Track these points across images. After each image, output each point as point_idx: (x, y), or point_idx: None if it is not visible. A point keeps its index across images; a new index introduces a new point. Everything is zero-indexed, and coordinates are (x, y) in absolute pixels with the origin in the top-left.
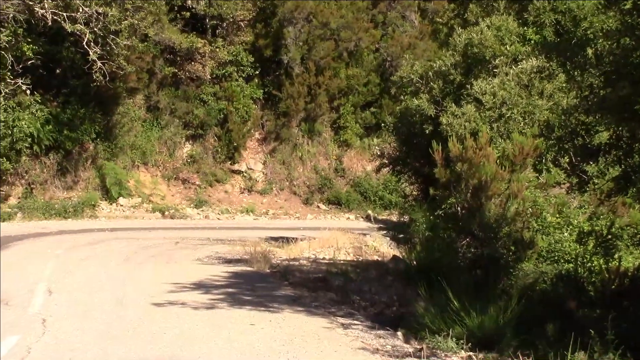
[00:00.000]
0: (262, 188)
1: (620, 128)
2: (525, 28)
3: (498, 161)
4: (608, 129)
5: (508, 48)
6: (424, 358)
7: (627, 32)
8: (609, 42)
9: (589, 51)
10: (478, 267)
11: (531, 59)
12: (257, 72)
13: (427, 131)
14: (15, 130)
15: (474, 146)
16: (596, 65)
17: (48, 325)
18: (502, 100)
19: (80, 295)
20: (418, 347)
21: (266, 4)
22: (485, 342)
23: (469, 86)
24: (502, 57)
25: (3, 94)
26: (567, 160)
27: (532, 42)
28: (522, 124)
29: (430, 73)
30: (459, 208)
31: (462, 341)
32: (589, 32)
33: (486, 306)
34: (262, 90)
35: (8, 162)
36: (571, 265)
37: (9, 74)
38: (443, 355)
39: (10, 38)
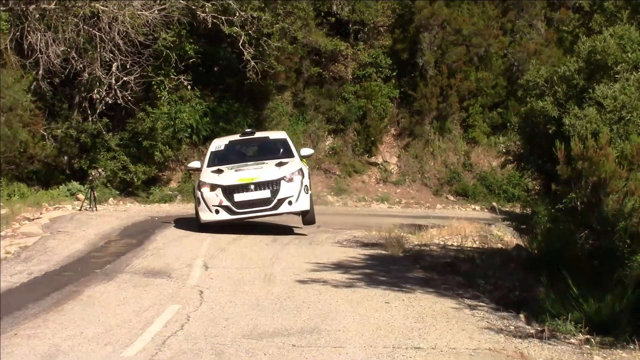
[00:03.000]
0: (396, 179)
1: None
2: None
3: (617, 160)
4: None
5: (629, 55)
6: (545, 339)
7: None
8: None
9: None
10: (595, 257)
11: None
12: (394, 74)
13: (550, 131)
14: (177, 122)
15: (595, 146)
16: None
17: (204, 297)
18: (622, 104)
19: (232, 270)
20: (539, 329)
21: (404, 11)
22: (602, 327)
23: (591, 90)
24: (623, 64)
25: (167, 88)
26: None
27: None
28: None
29: (554, 77)
30: (578, 203)
31: (580, 325)
32: None
33: (603, 294)
34: (398, 90)
35: (170, 150)
36: None
37: (172, 70)
38: (562, 337)
39: (175, 39)
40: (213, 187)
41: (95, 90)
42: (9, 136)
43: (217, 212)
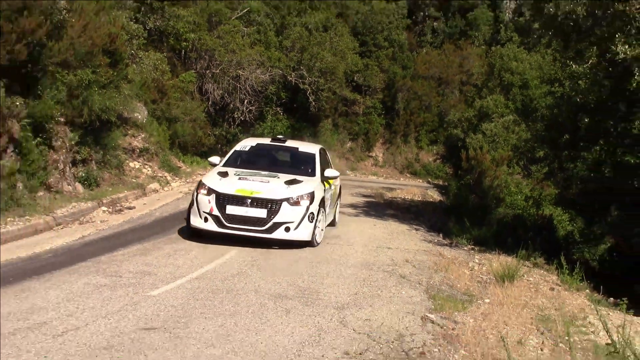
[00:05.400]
0: (381, 164)
1: (549, 151)
2: (508, 101)
3: (491, 161)
4: (543, 151)
5: (499, 109)
6: (452, 247)
7: (557, 107)
8: (548, 111)
9: (538, 114)
10: (478, 209)
11: (510, 115)
12: (383, 112)
13: (459, 145)
14: (274, 130)
15: (480, 153)
16: (540, 121)
17: None
18: (494, 133)
19: None
20: (450, 242)
21: (390, 81)
22: (480, 243)
23: (480, 126)
24: (495, 114)
25: (270, 114)
26: (523, 163)
27: (511, 107)
28: (503, 145)
29: (462, 118)
30: (471, 181)
31: (469, 241)
32: (538, 105)
33: (481, 227)
34: (385, 121)
35: None
36: (521, 211)
37: (273, 105)
38: (461, 246)
39: (275, 89)
40: (209, 192)
41: (235, 113)
42: (193, 133)
43: (205, 219)
